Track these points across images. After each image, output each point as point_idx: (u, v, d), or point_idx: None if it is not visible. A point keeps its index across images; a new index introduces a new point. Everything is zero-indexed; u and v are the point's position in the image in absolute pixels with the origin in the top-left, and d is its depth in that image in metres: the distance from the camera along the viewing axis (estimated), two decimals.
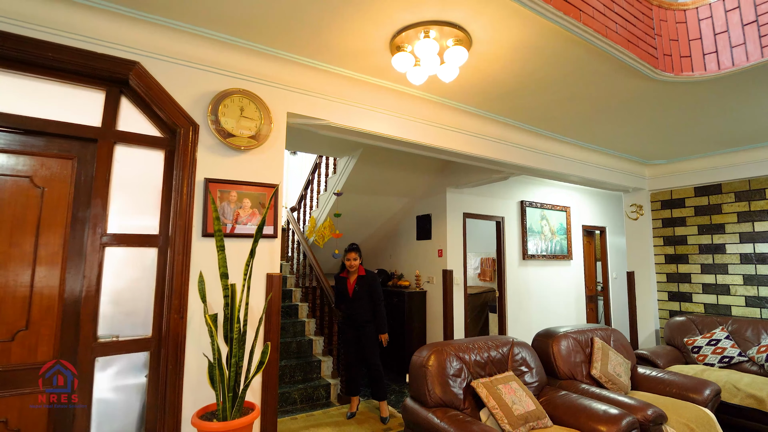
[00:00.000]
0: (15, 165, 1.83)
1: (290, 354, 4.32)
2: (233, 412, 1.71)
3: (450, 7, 1.88)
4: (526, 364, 2.75)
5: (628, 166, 4.49)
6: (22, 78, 1.84)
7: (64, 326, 1.86)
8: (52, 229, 1.87)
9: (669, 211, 4.53)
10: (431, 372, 2.40)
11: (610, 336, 3.34)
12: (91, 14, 1.87)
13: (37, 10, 1.77)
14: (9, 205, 1.81)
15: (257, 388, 2.15)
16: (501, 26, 1.99)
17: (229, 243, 2.11)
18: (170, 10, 1.93)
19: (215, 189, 2.11)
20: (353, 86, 2.57)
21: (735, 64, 2.35)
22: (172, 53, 2.06)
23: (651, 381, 3.08)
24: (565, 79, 2.54)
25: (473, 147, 3.14)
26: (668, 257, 4.49)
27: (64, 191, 1.92)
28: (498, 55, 2.26)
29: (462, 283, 4.66)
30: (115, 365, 1.95)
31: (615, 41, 2.14)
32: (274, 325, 2.22)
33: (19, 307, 1.79)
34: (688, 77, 2.46)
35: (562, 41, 2.10)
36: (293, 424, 3.36)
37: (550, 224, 5.65)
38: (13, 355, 1.77)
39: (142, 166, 2.08)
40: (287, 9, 1.90)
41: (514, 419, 2.22)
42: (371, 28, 2.04)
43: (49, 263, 1.85)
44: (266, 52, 2.26)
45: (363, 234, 5.55)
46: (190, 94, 2.11)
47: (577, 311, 5.83)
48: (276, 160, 2.32)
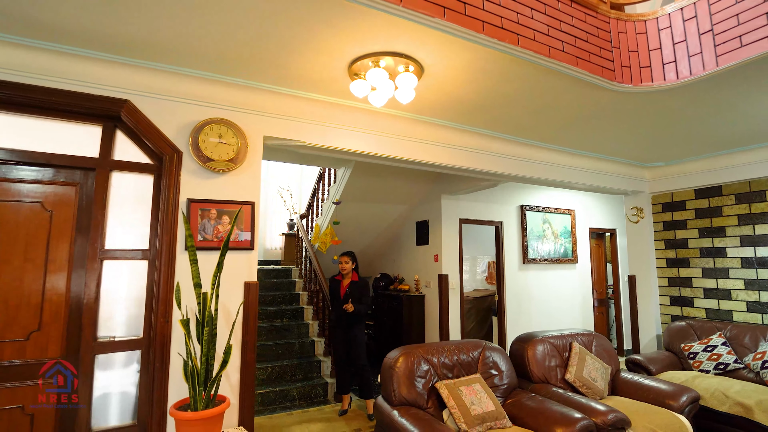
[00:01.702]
0: (29, 192, 2.19)
1: (293, 354, 4.61)
2: (203, 404, 1.97)
3: (395, 40, 2.05)
4: (496, 368, 2.86)
5: (626, 169, 4.45)
6: (32, 119, 2.19)
7: (69, 328, 2.19)
8: (59, 246, 2.21)
9: (670, 214, 4.44)
10: (398, 373, 2.58)
11: (593, 341, 3.37)
12: (88, 62, 2.20)
13: (42, 62, 2.11)
14: (24, 226, 2.16)
15: (236, 385, 2.41)
16: (445, 53, 2.15)
17: (209, 255, 2.39)
18: (154, 53, 2.22)
19: (196, 208, 2.40)
20: (324, 108, 2.79)
21: (692, 73, 2.37)
22: (157, 90, 2.36)
23: (631, 387, 3.09)
24: (528, 94, 2.64)
25: (452, 159, 3.28)
26: (669, 261, 4.41)
27: (69, 213, 2.25)
28: (452, 76, 2.40)
29: (458, 288, 4.77)
30: (113, 362, 2.27)
31: (561, 60, 2.24)
32: (251, 328, 2.47)
33: (32, 312, 2.14)
34: (648, 87, 2.50)
35: (507, 62, 2.22)
36: (288, 419, 3.62)
37: (553, 227, 5.64)
38: (28, 352, 2.11)
39: (134, 189, 2.39)
40: (253, 47, 2.14)
41: (470, 419, 2.36)
42: (327, 59, 2.25)
43: (56, 274, 2.19)
44: (241, 83, 2.52)
45: (366, 240, 5.76)
46: (174, 124, 2.40)
47: (583, 315, 5.77)
48: (252, 179, 2.58)
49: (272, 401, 3.91)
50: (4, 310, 2.08)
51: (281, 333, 4.78)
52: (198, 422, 1.94)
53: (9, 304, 2.10)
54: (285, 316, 5.06)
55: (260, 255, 7.55)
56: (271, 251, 7.70)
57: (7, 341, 2.08)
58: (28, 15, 1.84)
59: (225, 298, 2.41)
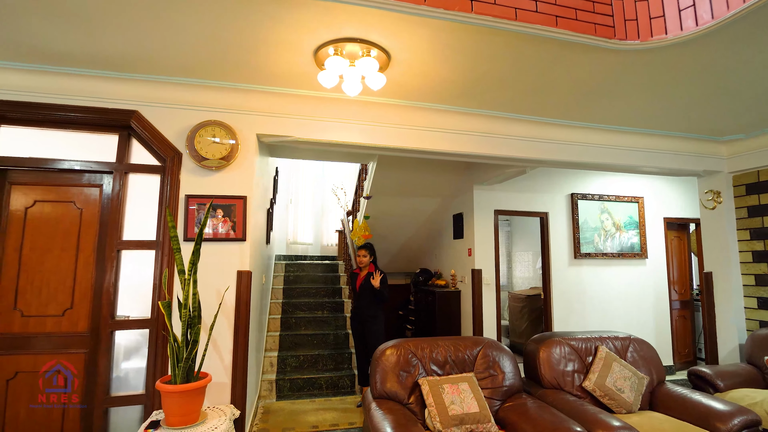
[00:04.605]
0: (65, 193, 2.63)
1: (327, 345, 4.77)
2: (182, 379, 2.17)
3: (346, 26, 2.02)
4: (496, 368, 2.63)
5: (695, 145, 3.72)
6: (62, 132, 2.64)
7: (94, 307, 2.58)
8: (87, 238, 2.63)
9: (756, 197, 3.60)
10: (382, 365, 2.52)
11: (629, 346, 2.90)
12: (99, 81, 2.56)
13: (64, 85, 2.52)
14: (62, 222, 2.61)
15: (228, 366, 2.60)
16: (401, 33, 2.05)
17: (207, 245, 2.61)
18: (151, 67, 2.50)
19: (193, 202, 2.64)
20: (312, 103, 2.85)
21: (714, 17, 1.91)
22: (159, 99, 2.66)
23: (673, 401, 2.60)
24: (512, 71, 2.40)
25: (454, 144, 3.10)
26: (756, 254, 3.57)
27: (95, 210, 2.66)
28: (419, 57, 2.28)
29: (493, 284, 4.47)
30: (128, 337, 2.62)
31: (533, 21, 1.98)
32: (243, 314, 2.64)
33: (67, 292, 2.57)
34: (660, 41, 2.07)
35: (470, 34, 2.04)
36: (309, 405, 3.77)
37: (614, 218, 4.95)
38: (63, 326, 2.55)
39: (146, 187, 2.73)
40: (226, 52, 2.28)
41: (447, 419, 2.21)
42: (292, 54, 2.29)
43: (85, 262, 2.60)
44: (230, 86, 2.71)
45: (405, 235, 5.71)
46: (175, 129, 2.68)
47: (657, 318, 4.96)
48: (245, 175, 2.75)
49: (300, 388, 4.11)
50: (47, 291, 2.55)
51: (319, 324, 4.99)
52: (176, 395, 2.14)
53: (50, 286, 2.55)
54: (325, 308, 5.27)
55: (317, 251, 7.95)
56: (327, 247, 8.07)
57: (49, 316, 2.54)
58: (36, 44, 2.22)
59: (220, 286, 2.62)
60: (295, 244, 7.77)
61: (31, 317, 2.52)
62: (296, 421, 3.40)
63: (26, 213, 2.57)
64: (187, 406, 2.18)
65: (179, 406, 2.16)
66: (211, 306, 2.51)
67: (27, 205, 2.58)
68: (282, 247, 7.47)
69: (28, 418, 2.44)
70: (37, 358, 2.49)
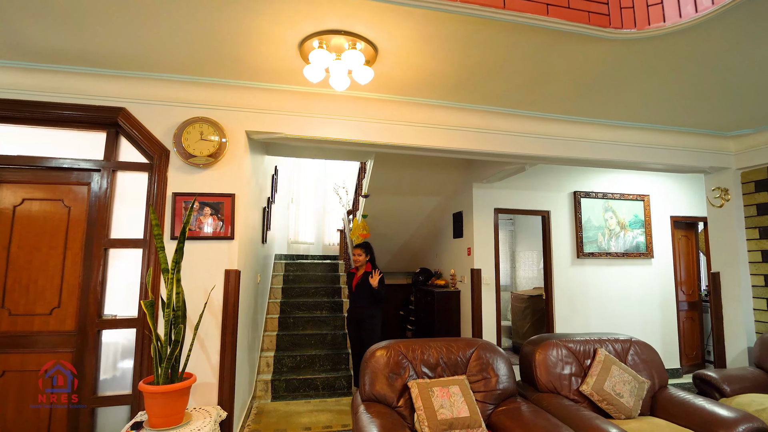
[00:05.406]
0: (54, 191, 2.62)
1: (325, 345, 4.72)
2: (164, 379, 2.13)
3: (327, 17, 1.96)
4: (489, 371, 2.55)
5: (701, 141, 3.59)
6: (50, 130, 2.62)
7: (81, 306, 2.56)
8: (75, 236, 2.61)
9: (765, 194, 3.46)
10: (371, 367, 2.46)
11: (629, 349, 2.79)
12: (89, 78, 2.54)
13: (52, 83, 2.50)
14: (50, 220, 2.59)
15: (216, 366, 2.56)
16: (385, 25, 1.98)
17: (194, 244, 2.58)
18: (137, 63, 2.47)
19: (180, 201, 2.60)
20: (302, 99, 2.79)
21: (715, 2, 1.81)
22: (147, 96, 2.63)
23: (675, 407, 2.49)
24: (503, 62, 2.32)
25: (448, 141, 3.02)
26: (766, 254, 3.43)
27: (83, 208, 2.64)
28: (406, 49, 2.21)
29: (493, 283, 4.38)
30: (116, 337, 2.59)
31: (522, 10, 1.90)
32: (231, 313, 2.60)
33: (55, 291, 2.55)
34: (658, 29, 1.98)
35: (457, 24, 1.96)
36: (303, 406, 3.72)
37: (619, 217, 4.82)
38: (51, 324, 2.53)
39: (134, 185, 2.70)
40: (213, 48, 2.24)
41: (435, 423, 2.14)
42: (276, 48, 2.24)
43: (73, 260, 2.58)
44: (218, 82, 2.66)
45: (405, 234, 5.64)
46: (162, 126, 2.64)
47: (663, 320, 4.82)
48: (234, 173, 2.70)
49: (295, 388, 4.07)
50: (34, 289, 2.53)
51: (317, 324, 4.94)
52: (159, 395, 2.10)
53: (38, 284, 2.54)
54: (324, 308, 5.22)
55: (319, 250, 7.92)
56: (329, 247, 8.03)
57: (36, 315, 2.52)
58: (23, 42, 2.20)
59: (208, 285, 2.57)
60: (297, 244, 7.75)
61: (18, 316, 2.50)
62: (289, 423, 3.35)
63: (14, 211, 2.56)
64: (171, 407, 2.14)
65: (162, 407, 2.12)
66: (198, 305, 2.48)
67: (15, 203, 2.56)
68: (283, 246, 7.45)
69: (17, 418, 2.42)
70: (25, 357, 2.47)
